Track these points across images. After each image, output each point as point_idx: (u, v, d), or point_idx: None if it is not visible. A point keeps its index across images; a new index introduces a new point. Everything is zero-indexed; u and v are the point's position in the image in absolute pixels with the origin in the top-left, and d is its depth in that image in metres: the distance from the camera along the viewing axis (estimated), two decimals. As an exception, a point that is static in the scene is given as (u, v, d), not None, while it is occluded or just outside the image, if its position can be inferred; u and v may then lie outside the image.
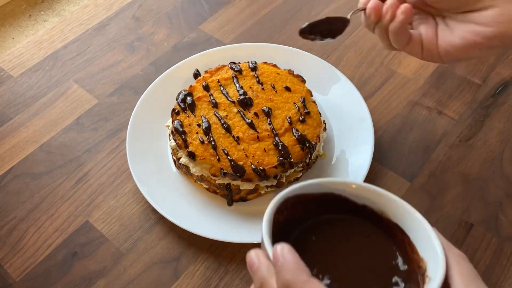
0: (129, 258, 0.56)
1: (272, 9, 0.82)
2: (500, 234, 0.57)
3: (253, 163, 0.55)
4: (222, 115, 0.59)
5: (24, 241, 0.57)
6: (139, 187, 0.58)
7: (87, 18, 0.82)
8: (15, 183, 0.62)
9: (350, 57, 0.75)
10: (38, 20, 0.93)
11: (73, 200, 0.61)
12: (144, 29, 0.80)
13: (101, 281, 0.54)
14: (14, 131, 0.67)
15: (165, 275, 0.54)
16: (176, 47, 0.77)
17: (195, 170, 0.57)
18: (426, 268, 0.34)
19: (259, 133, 0.57)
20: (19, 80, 0.73)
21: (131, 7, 0.83)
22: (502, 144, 0.64)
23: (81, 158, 0.64)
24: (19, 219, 0.59)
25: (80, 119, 0.68)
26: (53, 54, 0.76)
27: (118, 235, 0.57)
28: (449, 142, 0.65)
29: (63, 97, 0.71)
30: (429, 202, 0.59)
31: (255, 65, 0.64)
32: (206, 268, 0.55)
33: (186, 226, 0.55)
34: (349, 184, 0.38)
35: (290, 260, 0.29)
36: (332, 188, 0.38)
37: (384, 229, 0.38)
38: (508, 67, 0.73)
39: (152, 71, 0.74)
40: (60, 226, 0.58)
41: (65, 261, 0.56)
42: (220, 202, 0.59)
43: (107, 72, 0.74)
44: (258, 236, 0.55)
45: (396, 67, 0.73)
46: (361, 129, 0.62)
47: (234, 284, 0.54)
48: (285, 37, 0.78)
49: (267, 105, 0.60)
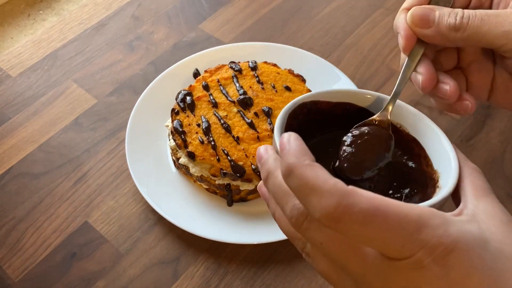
0: (128, 259, 0.55)
1: (272, 8, 0.82)
2: (501, 235, 0.56)
3: (253, 163, 0.55)
4: (222, 115, 0.59)
5: (23, 242, 0.57)
6: (139, 188, 0.58)
7: (86, 18, 0.81)
8: (13, 183, 0.62)
9: (350, 56, 0.74)
10: (37, 20, 0.93)
11: (72, 200, 0.60)
12: (143, 28, 0.80)
13: (100, 282, 0.54)
14: (13, 131, 0.67)
15: (164, 276, 0.54)
16: (175, 47, 0.77)
17: (194, 170, 0.57)
18: (439, 179, 0.34)
19: (259, 133, 0.57)
20: (18, 80, 0.73)
21: (131, 6, 0.83)
22: (503, 144, 0.64)
23: (80, 158, 0.64)
24: (18, 219, 0.59)
25: (79, 119, 0.68)
26: (52, 54, 0.76)
27: (117, 236, 0.57)
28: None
29: (62, 97, 0.71)
30: (430, 203, 0.59)
31: (255, 64, 0.64)
32: (206, 269, 0.55)
33: (186, 227, 0.55)
34: (369, 94, 0.38)
35: (295, 146, 0.28)
36: (352, 98, 0.37)
37: (402, 142, 0.37)
38: (509, 66, 0.72)
39: (151, 71, 0.74)
40: (59, 227, 0.58)
41: (64, 261, 0.55)
42: (220, 202, 0.59)
43: (106, 71, 0.74)
44: (258, 236, 0.55)
45: (397, 67, 0.73)
46: (362, 129, 0.62)
47: (234, 284, 0.54)
48: (285, 36, 0.78)
49: (267, 105, 0.59)
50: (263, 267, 0.55)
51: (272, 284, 0.53)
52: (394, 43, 0.75)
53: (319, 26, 0.79)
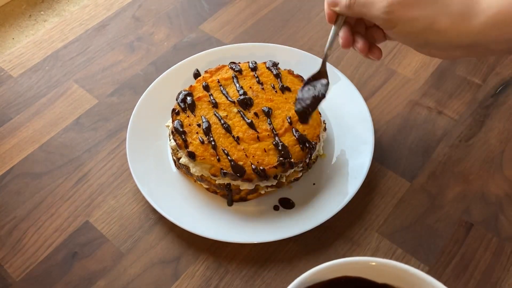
0: (129, 258, 0.56)
1: (272, 9, 0.82)
2: (500, 234, 0.57)
3: (253, 163, 0.55)
4: (222, 115, 0.59)
5: (24, 241, 0.57)
6: (139, 187, 0.58)
7: (87, 18, 0.82)
8: (15, 183, 0.62)
9: (350, 57, 0.75)
10: (38, 20, 0.93)
11: (73, 200, 0.61)
12: (144, 29, 0.80)
13: (101, 281, 0.54)
14: (14, 131, 0.67)
15: (165, 275, 0.54)
16: (176, 47, 0.77)
17: (195, 170, 0.57)
18: None
19: (259, 133, 0.57)
20: (19, 80, 0.73)
21: (131, 7, 0.83)
22: (502, 144, 0.64)
23: (81, 158, 0.64)
24: (19, 219, 0.59)
25: (80, 119, 0.68)
26: (53, 54, 0.76)
27: (118, 235, 0.57)
28: (449, 142, 0.65)
29: (63, 97, 0.71)
30: (429, 202, 0.59)
31: (255, 65, 0.64)
32: (206, 268, 0.55)
33: (186, 226, 0.55)
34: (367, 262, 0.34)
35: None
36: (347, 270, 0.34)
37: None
38: (508, 67, 0.73)
39: (152, 71, 0.74)
40: (60, 226, 0.58)
41: (65, 261, 0.56)
42: (220, 202, 0.59)
43: (107, 72, 0.74)
44: (258, 236, 0.55)
45: (396, 67, 0.73)
46: (361, 129, 0.62)
47: (234, 284, 0.54)
48: (285, 37, 0.78)
49: (267, 105, 0.60)
50: (263, 267, 0.55)
51: (272, 283, 0.54)
52: (392, 43, 0.75)
53: (319, 27, 0.79)
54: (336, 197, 0.57)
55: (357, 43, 0.52)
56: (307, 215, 0.56)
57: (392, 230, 0.57)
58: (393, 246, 0.56)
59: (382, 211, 0.59)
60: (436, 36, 0.46)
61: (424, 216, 0.58)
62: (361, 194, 0.59)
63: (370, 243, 0.56)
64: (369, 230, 0.57)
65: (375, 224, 0.58)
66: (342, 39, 0.52)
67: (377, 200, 0.60)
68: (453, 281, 0.53)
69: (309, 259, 0.55)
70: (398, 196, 0.60)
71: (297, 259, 0.55)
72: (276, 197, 0.59)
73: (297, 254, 0.56)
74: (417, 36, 0.47)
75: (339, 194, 0.58)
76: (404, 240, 0.56)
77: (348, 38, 0.52)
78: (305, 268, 0.55)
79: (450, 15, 0.44)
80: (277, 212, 0.58)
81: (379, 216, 0.58)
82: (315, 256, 0.55)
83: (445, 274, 0.54)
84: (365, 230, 0.57)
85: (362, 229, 0.57)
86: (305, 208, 0.57)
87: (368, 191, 0.60)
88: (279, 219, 0.57)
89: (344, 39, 0.51)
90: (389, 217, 0.58)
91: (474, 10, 0.44)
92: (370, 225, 0.58)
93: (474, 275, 0.54)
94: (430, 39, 0.46)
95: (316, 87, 0.52)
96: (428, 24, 0.45)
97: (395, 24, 0.46)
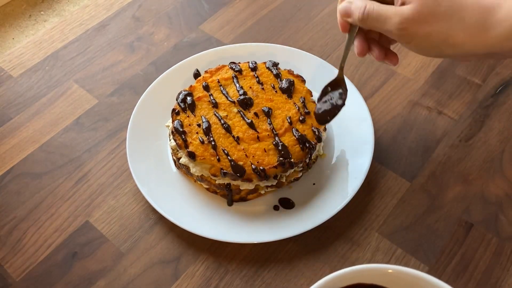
0: (129, 258, 0.56)
1: (272, 9, 0.82)
2: (500, 234, 0.57)
3: (253, 163, 0.55)
4: (222, 115, 0.59)
5: (24, 241, 0.57)
6: (139, 187, 0.58)
7: (87, 18, 0.82)
8: (15, 183, 0.62)
9: (350, 57, 0.74)
10: (38, 20, 0.93)
11: (73, 200, 0.61)
12: (144, 29, 0.80)
13: (101, 281, 0.54)
14: (14, 131, 0.67)
15: (165, 275, 0.54)
16: (176, 47, 0.77)
17: (195, 170, 0.57)
18: None
19: (259, 133, 0.57)
20: (19, 80, 0.73)
21: (131, 7, 0.83)
22: (502, 144, 0.64)
23: (81, 158, 0.64)
24: (19, 219, 0.59)
25: (80, 119, 0.68)
26: (53, 54, 0.76)
27: (118, 235, 0.57)
28: (449, 142, 0.65)
29: (63, 97, 0.71)
30: (429, 202, 0.59)
31: (255, 65, 0.64)
32: (206, 268, 0.55)
33: (186, 226, 0.55)
34: (384, 269, 0.34)
35: None
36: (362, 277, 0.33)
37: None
38: (508, 67, 0.73)
39: (152, 71, 0.74)
40: (60, 226, 0.58)
41: (65, 261, 0.56)
42: (220, 202, 0.59)
43: (107, 72, 0.74)
44: (258, 236, 0.55)
45: (396, 67, 0.73)
46: (361, 129, 0.62)
47: (234, 284, 0.54)
48: (285, 37, 0.78)
49: (267, 105, 0.60)
50: (263, 266, 0.55)
51: (272, 283, 0.54)
52: (393, 43, 0.75)
53: (319, 27, 0.79)
54: (336, 197, 0.57)
55: (373, 52, 0.52)
56: (307, 215, 0.56)
57: (392, 230, 0.57)
58: (393, 246, 0.56)
59: (382, 211, 0.59)
60: (452, 49, 0.45)
61: (424, 216, 0.58)
62: (361, 194, 0.59)
63: (370, 243, 0.56)
64: (369, 230, 0.57)
65: (375, 224, 0.58)
66: (357, 48, 0.51)
67: (377, 200, 0.60)
68: (453, 281, 0.53)
69: (309, 259, 0.55)
70: (398, 196, 0.60)
71: (297, 259, 0.55)
72: (276, 197, 0.59)
73: (297, 254, 0.56)
74: (433, 49, 0.47)
75: (339, 194, 0.58)
76: (404, 240, 0.56)
77: (363, 47, 0.51)
78: (305, 268, 0.55)
79: (466, 29, 0.44)
80: (277, 212, 0.58)
81: (379, 216, 0.58)
82: (315, 256, 0.55)
83: (445, 274, 0.54)
84: (365, 230, 0.57)
85: (362, 229, 0.57)
86: (305, 208, 0.57)
87: (368, 191, 0.60)
88: (279, 219, 0.57)
89: (359, 48, 0.51)
90: (389, 217, 0.58)
91: (490, 22, 0.43)
92: (370, 225, 0.58)
93: (474, 275, 0.54)
94: (445, 52, 0.46)
95: (334, 96, 0.53)
96: (444, 39, 0.45)
97: (410, 40, 0.46)
